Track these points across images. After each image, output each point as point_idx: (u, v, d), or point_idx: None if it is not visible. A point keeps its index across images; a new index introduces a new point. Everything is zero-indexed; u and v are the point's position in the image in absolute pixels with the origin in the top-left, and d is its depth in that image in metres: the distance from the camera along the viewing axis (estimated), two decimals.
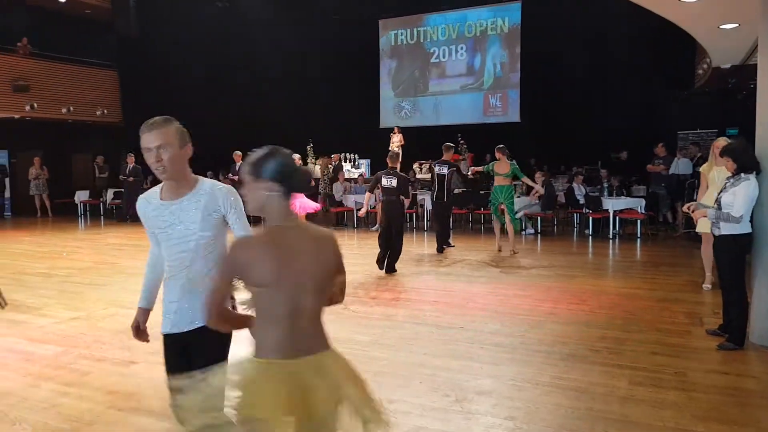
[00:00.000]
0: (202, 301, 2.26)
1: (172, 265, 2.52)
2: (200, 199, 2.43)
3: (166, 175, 2.39)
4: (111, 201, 17.38)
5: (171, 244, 2.47)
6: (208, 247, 2.46)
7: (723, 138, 6.11)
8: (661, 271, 8.15)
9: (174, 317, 2.56)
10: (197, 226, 2.42)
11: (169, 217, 2.45)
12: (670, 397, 3.83)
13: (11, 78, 17.11)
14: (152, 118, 2.40)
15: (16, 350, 4.92)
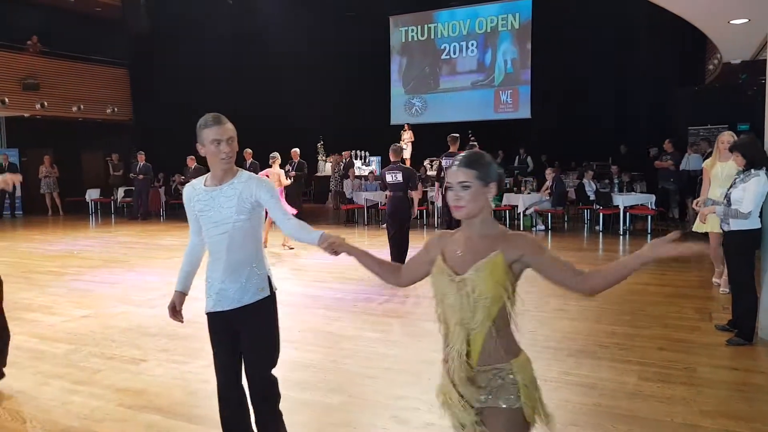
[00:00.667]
0: (242, 282, 2.68)
1: (213, 247, 2.79)
2: (237, 187, 2.70)
3: (229, 164, 2.70)
4: (122, 199, 17.48)
5: (210, 227, 2.74)
6: (245, 230, 2.71)
7: (728, 132, 5.97)
8: (671, 267, 8.09)
9: (216, 297, 2.80)
10: (233, 211, 2.67)
11: (210, 202, 2.72)
12: (679, 392, 3.81)
13: (21, 76, 17.25)
14: (212, 114, 2.68)
15: (26, 348, 4.96)
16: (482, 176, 1.97)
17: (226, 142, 2.65)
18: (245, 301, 2.73)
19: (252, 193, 2.69)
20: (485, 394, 2.00)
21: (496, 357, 1.99)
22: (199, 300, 6.33)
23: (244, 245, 2.73)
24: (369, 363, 4.46)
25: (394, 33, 19.66)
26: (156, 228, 13.99)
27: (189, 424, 3.50)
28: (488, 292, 1.93)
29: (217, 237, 2.74)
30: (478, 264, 1.95)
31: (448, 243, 2.09)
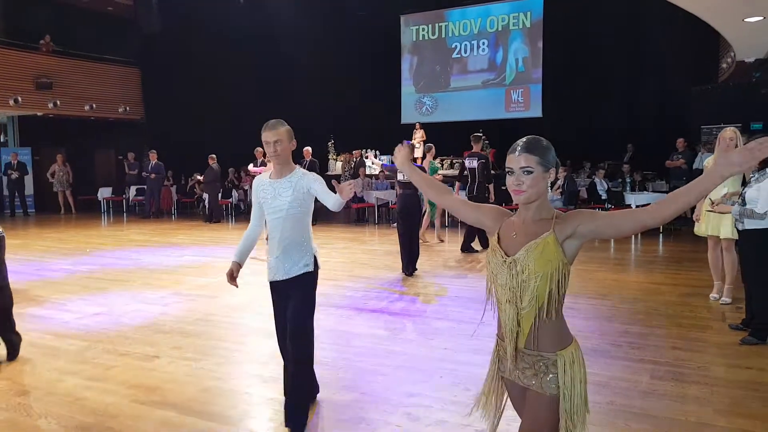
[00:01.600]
0: (292, 258, 3.34)
1: (271, 229, 3.40)
2: (293, 180, 3.35)
3: (278, 160, 3.35)
4: (134, 198, 17.59)
5: (270, 212, 3.37)
6: (296, 216, 3.34)
7: (731, 129, 5.66)
8: (684, 266, 8.06)
9: (273, 269, 3.40)
10: (288, 200, 3.31)
11: (271, 192, 3.37)
12: (692, 391, 3.79)
13: (34, 75, 17.39)
14: (270, 121, 3.37)
15: (40, 345, 5.00)
16: (543, 162, 2.01)
17: (273, 144, 3.30)
18: (293, 273, 3.35)
19: (304, 184, 3.34)
20: (531, 376, 2.05)
21: (542, 343, 2.04)
22: (213, 299, 6.36)
23: (294, 228, 3.35)
24: (381, 361, 4.46)
25: (404, 32, 19.63)
26: (168, 226, 14.06)
27: (202, 421, 3.51)
28: (538, 270, 1.96)
29: (274, 220, 3.35)
30: (529, 245, 1.98)
31: (505, 223, 2.13)
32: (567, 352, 2.04)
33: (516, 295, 2.02)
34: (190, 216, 16.65)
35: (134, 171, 17.62)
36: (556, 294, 1.99)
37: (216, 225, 14.24)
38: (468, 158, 9.76)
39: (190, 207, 18.04)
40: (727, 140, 5.58)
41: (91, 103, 18.44)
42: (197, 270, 8.28)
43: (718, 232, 5.72)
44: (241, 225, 14.08)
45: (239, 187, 16.74)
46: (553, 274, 1.97)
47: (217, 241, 11.29)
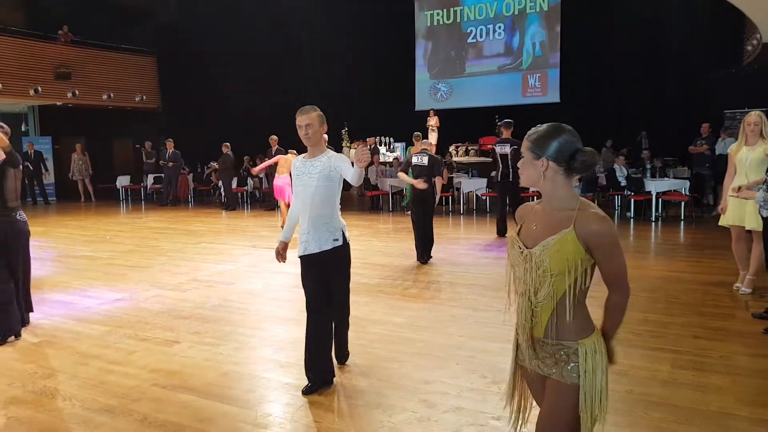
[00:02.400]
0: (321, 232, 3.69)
1: (303, 205, 3.74)
2: (323, 160, 3.72)
3: (309, 143, 3.71)
4: (151, 186, 17.74)
5: (301, 189, 3.74)
6: (323, 194, 3.68)
7: (755, 113, 5.48)
8: (705, 254, 7.95)
9: (305, 243, 3.73)
10: (317, 177, 3.68)
11: (303, 170, 3.75)
12: (714, 380, 3.75)
13: (54, 65, 17.55)
14: (305, 106, 3.72)
15: (64, 329, 5.09)
16: (534, 148, 1.99)
17: (305, 127, 3.66)
18: (325, 248, 3.70)
19: (332, 164, 3.70)
20: (552, 365, 2.03)
21: (563, 333, 2.01)
22: (230, 285, 6.41)
23: (322, 205, 3.69)
24: (397, 347, 4.47)
25: (419, 17, 19.47)
26: (185, 214, 14.17)
27: (222, 405, 3.55)
28: (554, 268, 1.94)
29: (304, 196, 3.72)
30: (547, 240, 1.95)
31: (529, 214, 2.12)
32: (589, 341, 2.01)
33: (530, 289, 2.00)
34: (207, 204, 16.76)
35: (152, 159, 17.75)
36: (574, 290, 1.96)
37: (232, 213, 14.31)
38: (499, 144, 9.63)
39: (206, 195, 18.15)
40: (751, 125, 5.47)
41: (109, 93, 18.58)
42: (214, 257, 8.34)
43: (743, 221, 5.56)
44: (256, 212, 14.14)
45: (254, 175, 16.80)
46: (570, 272, 1.93)
47: (234, 229, 11.35)
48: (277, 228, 11.07)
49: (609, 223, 1.94)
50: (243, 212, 14.47)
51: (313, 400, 3.61)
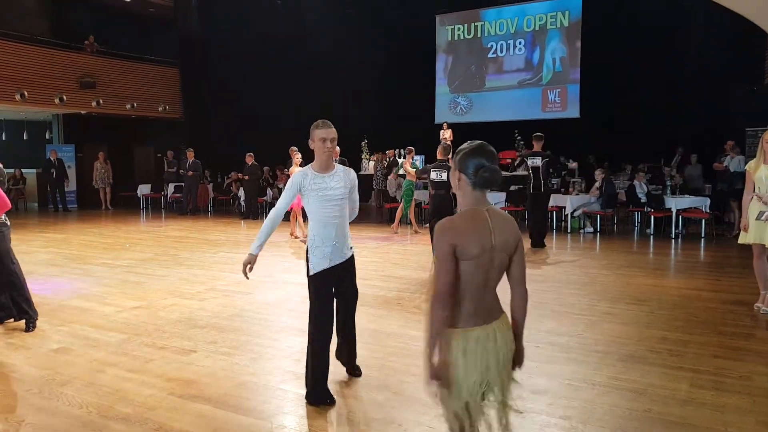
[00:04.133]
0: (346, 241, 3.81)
1: (326, 217, 3.73)
2: (341, 174, 3.79)
3: (331, 157, 3.78)
4: (172, 195, 17.93)
5: (324, 201, 3.72)
6: (344, 204, 3.80)
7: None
8: (726, 272, 7.84)
9: (331, 254, 3.73)
10: (341, 191, 3.75)
11: (323, 184, 3.73)
12: (734, 401, 3.68)
13: (79, 75, 17.88)
14: (322, 120, 3.74)
15: (82, 336, 5.14)
16: (455, 163, 2.30)
17: (330, 141, 3.69)
18: (347, 255, 3.83)
19: (351, 178, 3.85)
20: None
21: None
22: (248, 295, 6.43)
23: (344, 215, 3.81)
24: (414, 361, 4.45)
25: (440, 32, 19.56)
26: (204, 223, 14.29)
27: (237, 415, 3.56)
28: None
29: (331, 208, 3.73)
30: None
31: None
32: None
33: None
34: (226, 213, 16.89)
35: (173, 169, 17.94)
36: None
37: (252, 222, 14.41)
38: (531, 158, 9.89)
39: (226, 204, 18.29)
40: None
41: (132, 102, 18.87)
42: (232, 266, 8.39)
43: (764, 239, 5.51)
44: None
45: (274, 185, 16.91)
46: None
47: (253, 239, 11.39)
48: (293, 240, 11.13)
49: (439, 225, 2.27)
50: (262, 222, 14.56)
51: (327, 414, 3.61)
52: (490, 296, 2.27)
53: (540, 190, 9.81)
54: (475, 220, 2.20)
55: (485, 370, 2.20)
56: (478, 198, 2.25)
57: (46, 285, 7.24)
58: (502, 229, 2.22)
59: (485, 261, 2.18)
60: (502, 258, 2.24)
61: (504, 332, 2.27)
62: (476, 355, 2.18)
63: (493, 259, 2.20)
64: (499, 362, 2.22)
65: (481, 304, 2.23)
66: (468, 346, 2.18)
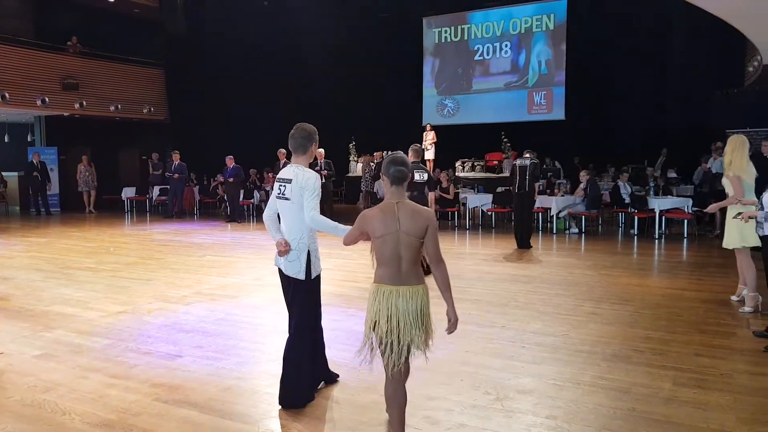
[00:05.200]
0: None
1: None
2: None
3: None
4: (157, 197, 17.80)
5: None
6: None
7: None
8: (708, 272, 7.93)
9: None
10: None
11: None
12: (715, 399, 3.73)
13: (62, 76, 17.70)
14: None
15: (65, 342, 5.08)
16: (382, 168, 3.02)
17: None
18: None
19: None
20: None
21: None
22: (234, 298, 6.39)
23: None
24: None
25: (427, 34, 19.64)
26: (190, 226, 14.21)
27: (224, 420, 3.54)
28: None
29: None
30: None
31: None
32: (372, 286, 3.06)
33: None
34: (212, 216, 16.80)
35: (158, 171, 17.81)
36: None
37: (238, 225, 14.35)
38: (520, 158, 10.19)
39: (212, 207, 18.20)
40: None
41: (116, 104, 18.72)
42: (219, 270, 8.36)
43: (747, 242, 5.66)
44: (262, 225, 14.14)
45: (261, 187, 16.85)
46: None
47: (239, 242, 11.37)
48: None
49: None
50: (249, 225, 14.50)
51: (316, 416, 3.61)
52: (405, 266, 2.93)
53: (525, 190, 9.89)
54: (384, 210, 2.95)
55: (393, 316, 2.90)
56: (394, 193, 2.99)
57: (29, 290, 7.15)
58: (408, 218, 2.91)
59: (391, 239, 2.91)
60: (411, 239, 2.90)
61: (416, 297, 2.93)
62: (384, 304, 2.92)
63: (399, 238, 2.90)
64: (408, 315, 2.91)
65: (394, 271, 2.93)
66: (378, 296, 2.96)
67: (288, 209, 3.68)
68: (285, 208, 3.71)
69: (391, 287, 2.93)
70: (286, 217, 3.72)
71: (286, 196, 3.67)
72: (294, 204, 3.63)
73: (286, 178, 3.69)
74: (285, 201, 3.68)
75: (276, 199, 3.76)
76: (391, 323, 2.91)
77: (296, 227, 3.66)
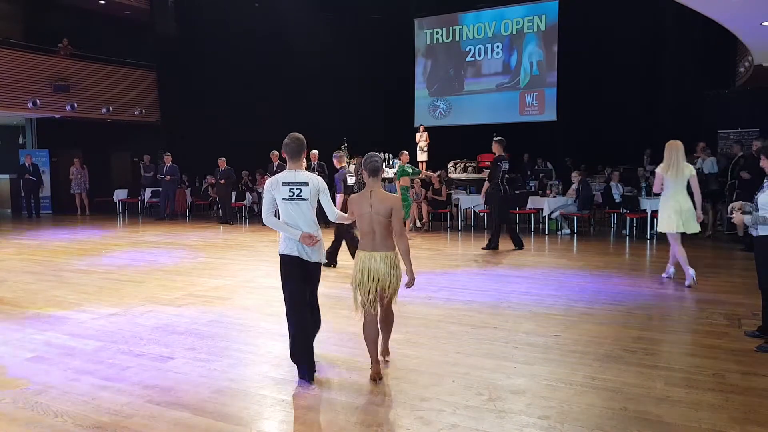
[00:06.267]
0: None
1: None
2: None
3: None
4: (149, 200, 17.73)
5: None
6: None
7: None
8: (699, 272, 7.94)
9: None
10: None
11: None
12: (707, 398, 3.75)
13: (52, 78, 17.60)
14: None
15: (57, 345, 5.06)
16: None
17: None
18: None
19: None
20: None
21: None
22: (226, 300, 6.38)
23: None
24: (393, 364, 4.46)
25: (418, 35, 19.65)
26: (182, 228, 14.16)
27: (216, 422, 3.54)
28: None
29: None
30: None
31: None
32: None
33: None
34: (204, 218, 16.76)
35: (150, 173, 17.74)
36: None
37: (230, 227, 14.31)
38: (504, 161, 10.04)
39: (204, 209, 18.15)
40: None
41: (107, 106, 18.62)
42: (211, 272, 8.34)
43: (688, 229, 6.94)
44: (254, 227, 14.12)
45: (253, 189, 16.82)
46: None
47: (231, 244, 11.34)
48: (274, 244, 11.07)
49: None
50: (241, 227, 14.46)
51: (307, 418, 3.61)
52: (378, 238, 4.08)
53: (507, 192, 9.97)
54: (362, 196, 4.16)
55: (369, 273, 4.05)
56: (370, 183, 4.15)
57: (21, 293, 7.12)
58: (377, 202, 4.04)
59: (367, 217, 4.07)
60: (380, 218, 4.03)
61: (386, 259, 4.05)
62: (364, 265, 4.08)
63: (372, 217, 4.05)
64: (380, 272, 4.03)
65: (370, 241, 4.10)
66: (359, 259, 4.14)
67: (306, 208, 4.21)
68: (303, 207, 4.20)
69: (368, 252, 4.09)
70: (304, 215, 4.20)
71: (304, 197, 4.18)
72: (311, 203, 4.23)
73: (301, 182, 4.18)
74: (303, 201, 4.19)
75: (288, 200, 4.18)
76: (368, 276, 4.04)
77: (314, 222, 4.25)
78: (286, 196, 4.17)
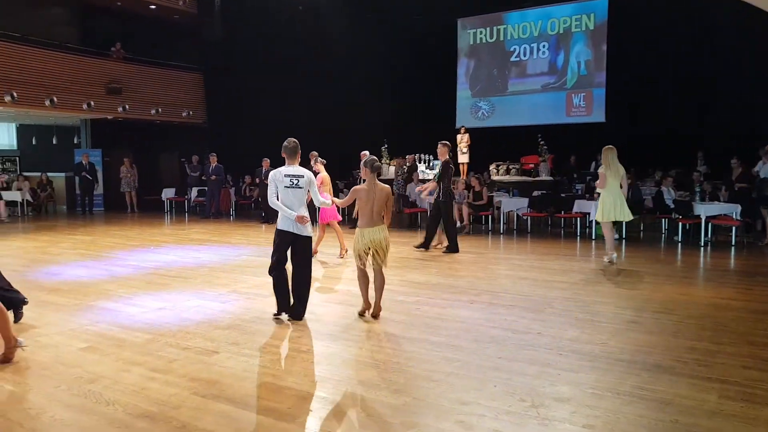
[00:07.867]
0: None
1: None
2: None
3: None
4: (195, 199, 18.12)
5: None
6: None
7: None
8: (757, 281, 7.66)
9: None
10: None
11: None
12: (764, 413, 3.59)
13: (106, 81, 18.19)
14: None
15: (109, 336, 5.22)
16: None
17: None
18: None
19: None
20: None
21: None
22: (269, 297, 6.42)
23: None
24: (433, 367, 4.42)
25: (461, 35, 19.50)
26: (226, 227, 14.41)
27: (258, 415, 3.57)
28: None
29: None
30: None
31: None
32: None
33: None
34: (248, 217, 17.01)
35: (196, 173, 18.14)
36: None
37: (271, 226, 14.46)
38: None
39: (248, 209, 18.43)
40: None
41: (157, 108, 19.14)
42: (254, 269, 8.44)
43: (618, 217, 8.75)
44: None
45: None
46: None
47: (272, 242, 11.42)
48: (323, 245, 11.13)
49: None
50: None
51: (346, 416, 3.61)
52: (375, 217, 5.60)
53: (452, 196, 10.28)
54: (367, 186, 5.64)
55: (367, 242, 5.58)
56: (370, 178, 5.66)
57: (75, 285, 7.35)
58: (378, 191, 5.60)
59: (369, 201, 5.58)
60: (378, 204, 5.58)
61: (379, 231, 5.61)
62: (363, 237, 5.60)
63: (373, 202, 5.56)
64: (373, 241, 5.58)
65: (368, 219, 5.60)
66: (359, 233, 5.64)
67: (301, 194, 5.61)
68: (298, 194, 5.59)
69: (367, 228, 5.62)
70: (299, 200, 5.60)
71: (300, 186, 5.59)
72: (304, 191, 5.64)
73: (298, 174, 5.61)
74: (299, 189, 5.59)
75: (288, 188, 5.56)
76: (365, 244, 5.60)
77: (305, 206, 5.66)
78: (288, 185, 5.54)
